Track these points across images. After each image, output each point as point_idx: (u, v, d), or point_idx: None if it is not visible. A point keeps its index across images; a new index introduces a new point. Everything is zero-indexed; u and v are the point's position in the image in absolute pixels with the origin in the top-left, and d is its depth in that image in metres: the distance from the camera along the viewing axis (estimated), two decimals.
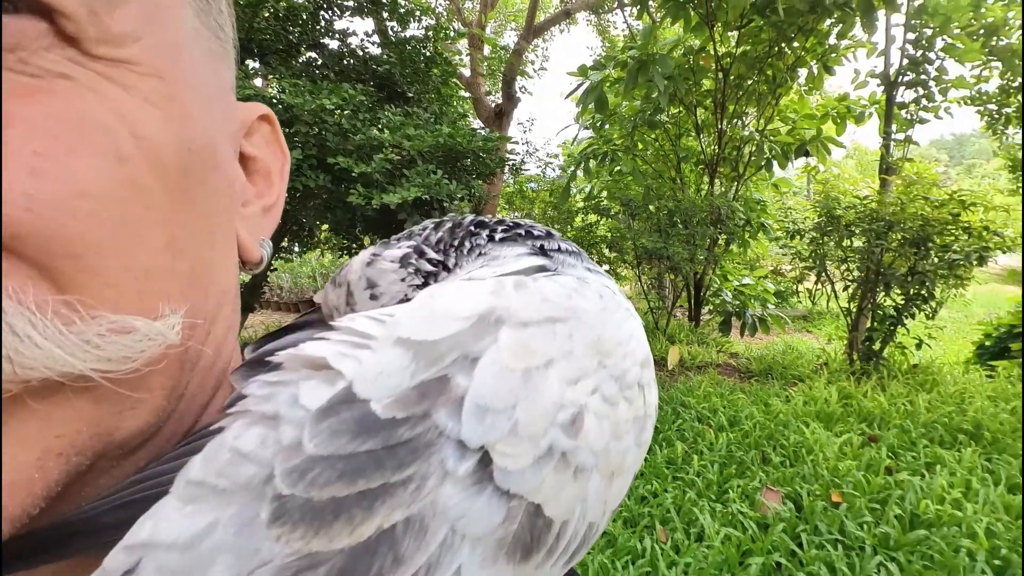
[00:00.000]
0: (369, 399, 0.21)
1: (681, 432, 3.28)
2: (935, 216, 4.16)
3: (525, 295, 0.26)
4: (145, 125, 0.23)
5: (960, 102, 6.84)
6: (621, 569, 2.08)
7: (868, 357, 4.61)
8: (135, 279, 0.22)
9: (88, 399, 0.22)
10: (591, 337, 0.27)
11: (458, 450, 0.21)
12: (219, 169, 0.28)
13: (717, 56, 5.29)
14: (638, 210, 5.52)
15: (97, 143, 0.21)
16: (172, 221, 0.24)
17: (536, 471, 0.23)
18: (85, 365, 0.20)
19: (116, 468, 0.26)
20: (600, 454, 0.26)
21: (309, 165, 3.67)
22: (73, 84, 0.21)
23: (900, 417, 3.32)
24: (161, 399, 0.25)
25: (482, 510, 0.21)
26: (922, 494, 2.41)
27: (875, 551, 2.11)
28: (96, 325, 0.21)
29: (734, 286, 5.97)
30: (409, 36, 4.73)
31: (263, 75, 4.33)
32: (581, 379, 0.25)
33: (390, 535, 0.19)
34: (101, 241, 0.21)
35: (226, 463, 0.20)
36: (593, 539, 0.28)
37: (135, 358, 0.22)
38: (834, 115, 5.92)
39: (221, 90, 0.30)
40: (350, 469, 0.20)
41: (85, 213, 0.20)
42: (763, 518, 2.37)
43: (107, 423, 0.23)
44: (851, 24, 4.75)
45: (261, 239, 0.34)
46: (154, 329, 0.22)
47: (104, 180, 0.21)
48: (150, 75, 0.24)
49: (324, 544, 0.18)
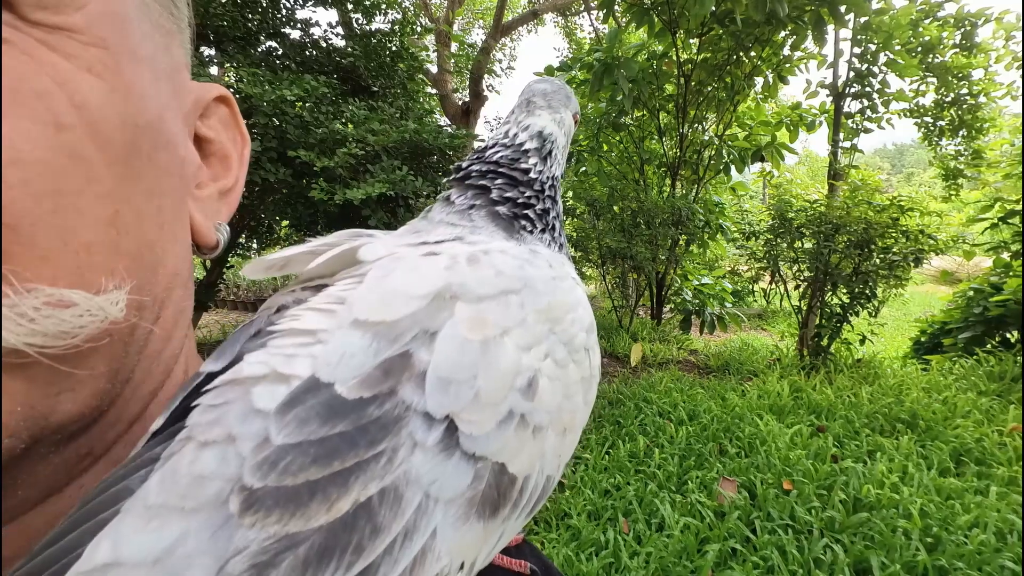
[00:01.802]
0: (333, 382, 0.22)
1: (643, 427, 3.36)
2: (877, 220, 4.42)
3: (478, 269, 0.28)
4: (87, 94, 0.22)
5: (900, 114, 7.31)
6: (585, 561, 2.11)
7: (817, 353, 4.85)
8: (74, 253, 0.21)
9: (21, 378, 0.20)
10: (541, 305, 0.29)
11: (425, 421, 0.22)
12: (169, 147, 0.27)
13: (679, 62, 5.44)
14: (603, 210, 5.62)
15: (32, 109, 0.20)
16: (116, 196, 0.23)
17: (499, 434, 0.24)
18: (18, 339, 0.19)
19: (55, 455, 0.24)
20: (554, 413, 0.28)
21: (269, 158, 3.55)
22: (9, 47, 0.20)
23: (845, 408, 3.52)
24: (104, 381, 0.24)
25: (452, 474, 0.22)
26: (864, 480, 2.56)
27: (822, 534, 2.23)
28: (31, 298, 0.19)
29: (694, 285, 6.16)
30: (375, 29, 4.65)
31: (219, 63, 4.16)
32: (534, 345, 0.27)
33: (367, 507, 0.20)
34: (36, 211, 0.20)
35: (187, 486, 0.20)
36: (550, 490, 0.29)
37: (74, 334, 0.21)
38: (788, 123, 6.20)
39: (173, 67, 0.29)
40: (323, 453, 0.20)
41: (17, 181, 0.19)
42: (720, 507, 2.47)
43: (42, 404, 0.22)
44: (803, 36, 4.99)
45: (217, 223, 0.33)
46: (95, 304, 0.21)
47: (40, 148, 0.20)
48: (93, 44, 0.23)
49: (301, 524, 0.19)
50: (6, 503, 0.23)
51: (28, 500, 0.24)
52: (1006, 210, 5.05)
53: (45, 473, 0.24)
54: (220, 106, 0.34)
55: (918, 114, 7.46)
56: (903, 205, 4.54)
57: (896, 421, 3.34)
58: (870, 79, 6.00)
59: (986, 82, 7.01)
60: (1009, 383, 3.96)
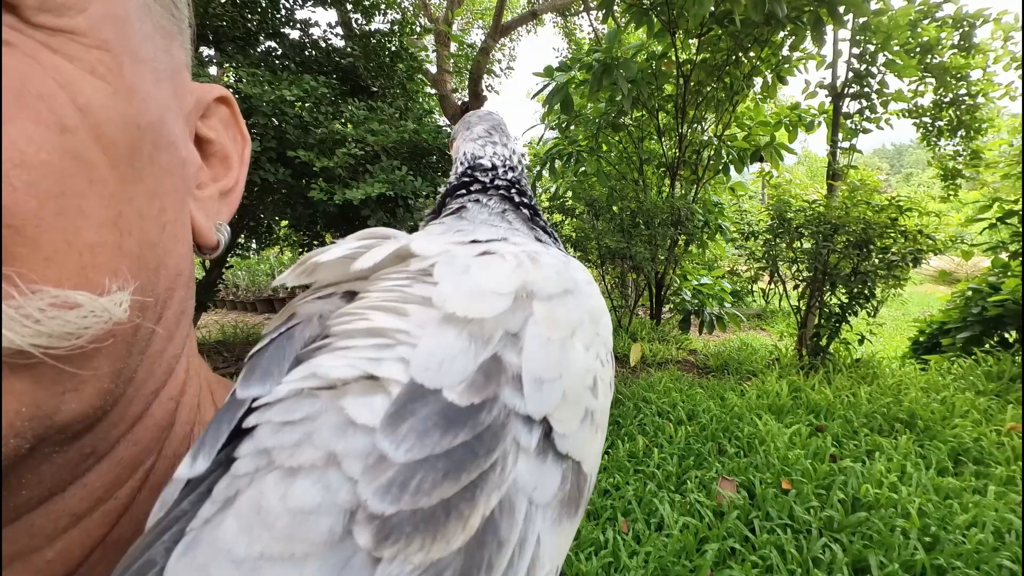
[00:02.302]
0: (440, 388, 0.20)
1: (642, 426, 3.37)
2: (876, 220, 4.43)
3: (541, 269, 0.28)
4: (90, 96, 0.22)
5: (899, 114, 7.32)
6: (585, 560, 2.12)
7: (816, 352, 4.86)
8: (78, 254, 0.21)
9: (27, 378, 0.21)
10: (588, 307, 0.29)
11: (526, 425, 0.22)
12: (170, 148, 0.28)
13: (678, 62, 5.45)
14: (602, 210, 5.62)
15: (36, 111, 0.20)
16: (119, 197, 0.23)
17: (580, 432, 0.24)
18: (24, 340, 0.19)
19: (59, 454, 0.24)
20: (604, 412, 0.28)
21: (268, 158, 3.55)
22: (12, 50, 0.20)
23: (844, 408, 3.52)
24: (107, 381, 0.24)
25: (548, 477, 0.22)
26: (863, 479, 2.57)
27: (821, 533, 2.23)
28: (37, 299, 0.20)
29: (693, 285, 6.17)
30: (374, 29, 4.65)
31: (218, 63, 4.16)
32: (591, 345, 0.27)
33: (492, 521, 0.19)
34: (41, 214, 0.20)
35: (288, 527, 0.17)
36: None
37: (79, 335, 0.21)
38: (787, 123, 6.21)
39: (173, 68, 0.29)
40: (453, 465, 0.19)
41: (22, 184, 0.19)
42: (719, 506, 2.47)
43: (47, 404, 0.22)
44: (802, 37, 5.00)
45: (218, 224, 0.33)
46: (99, 305, 0.21)
47: (44, 150, 0.20)
48: (96, 47, 0.23)
49: (443, 549, 0.17)
50: (11, 502, 0.24)
51: (32, 499, 0.25)
52: (1004, 210, 5.06)
53: (49, 472, 0.24)
54: (221, 106, 0.35)
55: (917, 114, 7.47)
56: (901, 205, 4.54)
57: (895, 421, 3.34)
58: (869, 79, 6.01)
59: (984, 83, 7.02)
60: (1007, 383, 3.97)
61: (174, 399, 0.31)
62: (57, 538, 0.26)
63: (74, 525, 0.27)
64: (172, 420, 0.31)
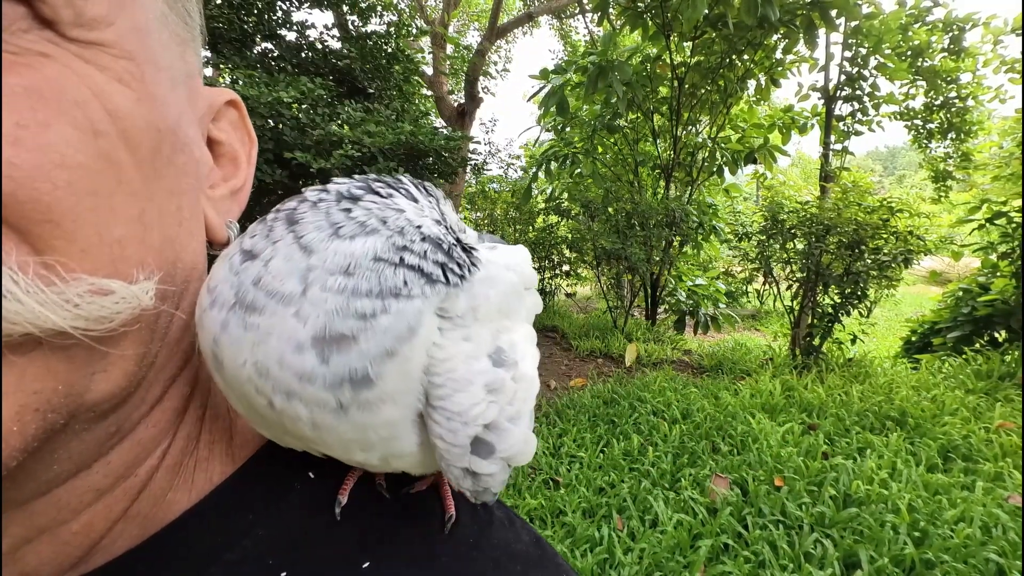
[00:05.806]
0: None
1: (637, 425, 3.39)
2: (867, 221, 4.47)
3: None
4: (118, 103, 0.24)
5: (890, 117, 7.40)
6: (580, 557, 2.14)
7: (809, 352, 4.90)
8: (109, 247, 0.24)
9: (62, 358, 0.23)
10: None
11: None
12: (186, 150, 0.30)
13: (673, 65, 5.49)
14: (597, 212, 5.65)
15: (74, 117, 0.22)
16: (142, 195, 0.25)
17: None
18: (66, 322, 0.21)
19: (87, 432, 0.26)
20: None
21: (265, 160, 3.55)
22: (51, 61, 0.22)
23: (836, 407, 3.55)
24: (133, 364, 0.26)
25: None
26: (854, 476, 2.60)
27: (812, 529, 2.26)
28: (76, 286, 0.22)
29: (688, 286, 6.21)
30: (370, 31, 4.66)
31: (215, 65, 4.16)
32: None
33: None
34: (77, 209, 0.22)
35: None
36: None
37: (111, 318, 0.23)
38: (780, 125, 6.27)
39: (187, 74, 0.31)
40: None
41: (63, 182, 0.21)
42: (712, 503, 2.50)
43: (80, 383, 0.24)
44: (795, 40, 5.05)
45: (228, 221, 0.35)
46: (130, 292, 0.24)
47: (80, 152, 0.22)
48: (122, 57, 0.25)
49: None
50: (43, 476, 0.26)
51: (61, 474, 0.27)
52: (993, 211, 5.12)
53: (79, 449, 0.26)
54: (230, 109, 0.37)
55: (908, 117, 7.55)
56: (893, 206, 4.59)
57: (886, 419, 3.38)
58: (861, 82, 6.08)
59: (974, 85, 7.11)
60: (996, 381, 4.02)
61: (188, 384, 0.33)
62: (82, 511, 0.28)
63: (98, 500, 0.29)
64: (186, 405, 0.33)
